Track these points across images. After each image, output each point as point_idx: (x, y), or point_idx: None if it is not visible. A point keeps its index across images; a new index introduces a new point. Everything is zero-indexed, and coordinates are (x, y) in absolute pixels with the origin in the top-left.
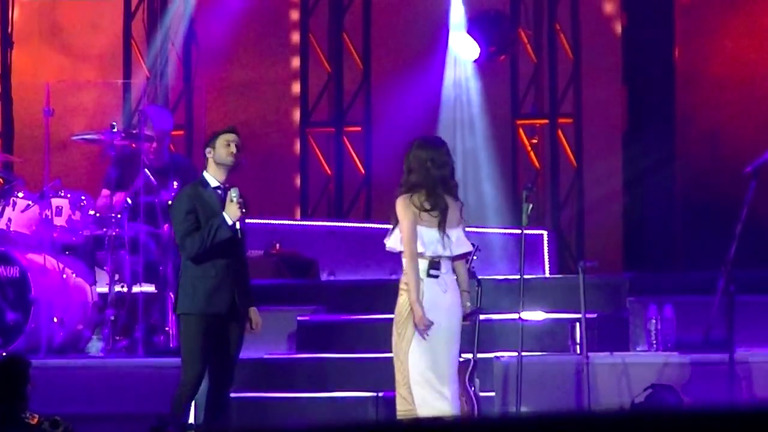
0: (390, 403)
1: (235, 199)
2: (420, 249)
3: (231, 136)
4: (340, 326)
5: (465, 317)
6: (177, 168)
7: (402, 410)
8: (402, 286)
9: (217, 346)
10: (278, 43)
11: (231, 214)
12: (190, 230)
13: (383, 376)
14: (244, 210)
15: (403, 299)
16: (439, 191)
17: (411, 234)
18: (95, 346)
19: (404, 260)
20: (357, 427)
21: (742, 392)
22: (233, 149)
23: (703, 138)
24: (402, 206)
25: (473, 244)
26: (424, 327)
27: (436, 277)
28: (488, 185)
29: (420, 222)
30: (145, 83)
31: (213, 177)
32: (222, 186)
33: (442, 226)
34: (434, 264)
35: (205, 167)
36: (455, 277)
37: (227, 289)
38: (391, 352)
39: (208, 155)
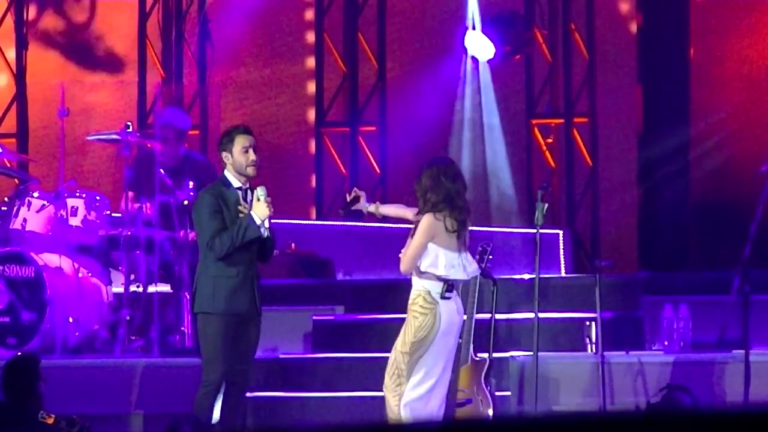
0: None
1: (262, 198)
2: (437, 271)
3: (247, 140)
4: (356, 326)
5: None
6: (192, 166)
7: (391, 416)
8: (417, 309)
9: (235, 345)
10: (293, 42)
11: (259, 213)
12: (218, 230)
13: None
14: (271, 209)
15: (419, 322)
16: (459, 203)
17: (419, 254)
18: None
19: (405, 267)
20: (372, 428)
21: (757, 392)
22: (252, 157)
23: (718, 137)
24: (427, 224)
25: (487, 243)
26: None
27: (449, 298)
28: (503, 185)
29: (440, 243)
30: (159, 83)
31: (234, 178)
32: (244, 186)
33: (460, 245)
34: (449, 287)
35: (223, 167)
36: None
37: (248, 289)
38: None
39: (225, 160)
